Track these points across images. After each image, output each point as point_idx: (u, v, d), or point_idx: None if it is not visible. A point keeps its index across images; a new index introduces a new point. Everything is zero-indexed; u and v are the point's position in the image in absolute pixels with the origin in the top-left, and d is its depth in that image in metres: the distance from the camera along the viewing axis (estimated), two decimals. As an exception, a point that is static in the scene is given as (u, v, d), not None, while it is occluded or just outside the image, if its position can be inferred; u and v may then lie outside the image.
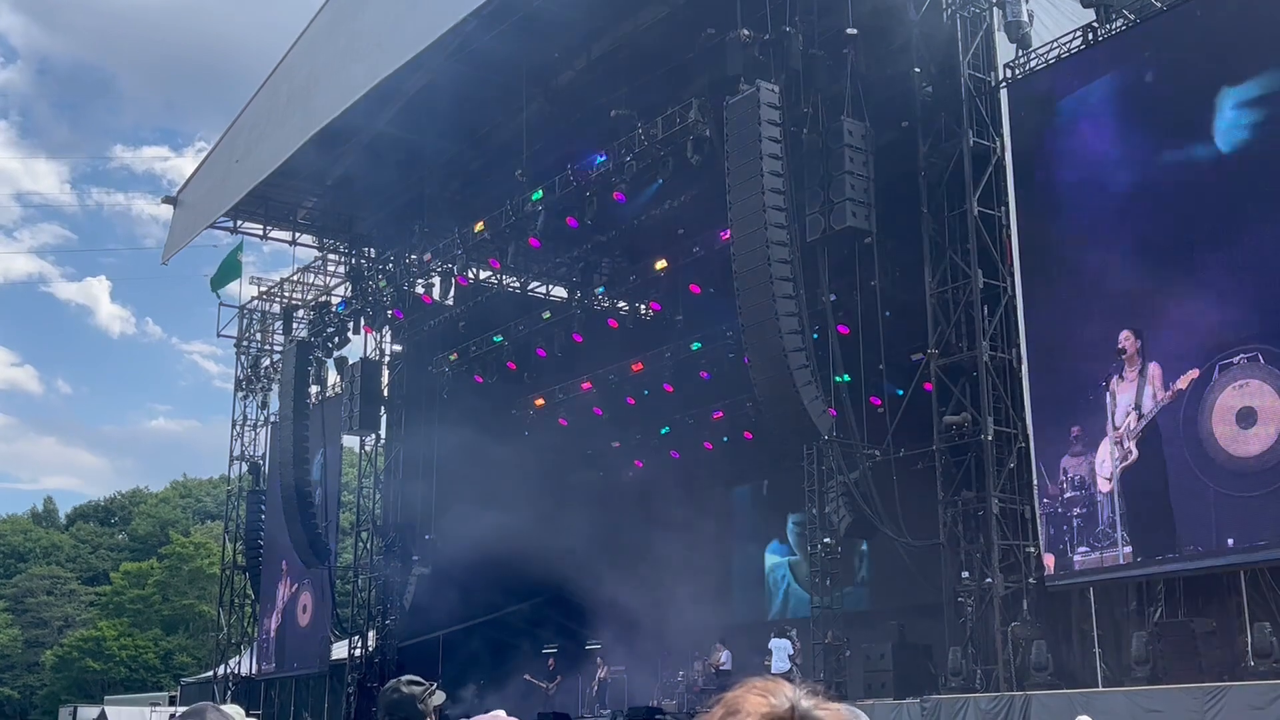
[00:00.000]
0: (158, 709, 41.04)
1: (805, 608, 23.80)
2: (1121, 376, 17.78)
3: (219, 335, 38.40)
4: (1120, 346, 17.78)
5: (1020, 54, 19.75)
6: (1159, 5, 18.39)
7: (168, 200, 36.76)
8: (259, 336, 38.06)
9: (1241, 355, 16.38)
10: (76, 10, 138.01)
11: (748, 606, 31.98)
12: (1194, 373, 16.87)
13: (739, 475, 32.08)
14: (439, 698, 4.39)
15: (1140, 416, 17.50)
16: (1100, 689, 16.77)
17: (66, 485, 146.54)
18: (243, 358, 38.34)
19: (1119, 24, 18.70)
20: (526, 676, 28.57)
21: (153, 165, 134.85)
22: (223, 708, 3.73)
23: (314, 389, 33.73)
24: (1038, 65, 19.50)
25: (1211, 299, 16.98)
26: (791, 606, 29.98)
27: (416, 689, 4.30)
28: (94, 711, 43.45)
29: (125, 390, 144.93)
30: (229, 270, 36.29)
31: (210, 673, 40.23)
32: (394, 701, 4.26)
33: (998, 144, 19.70)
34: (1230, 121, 16.98)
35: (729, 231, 20.86)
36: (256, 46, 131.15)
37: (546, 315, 31.18)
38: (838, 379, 20.99)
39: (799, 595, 28.77)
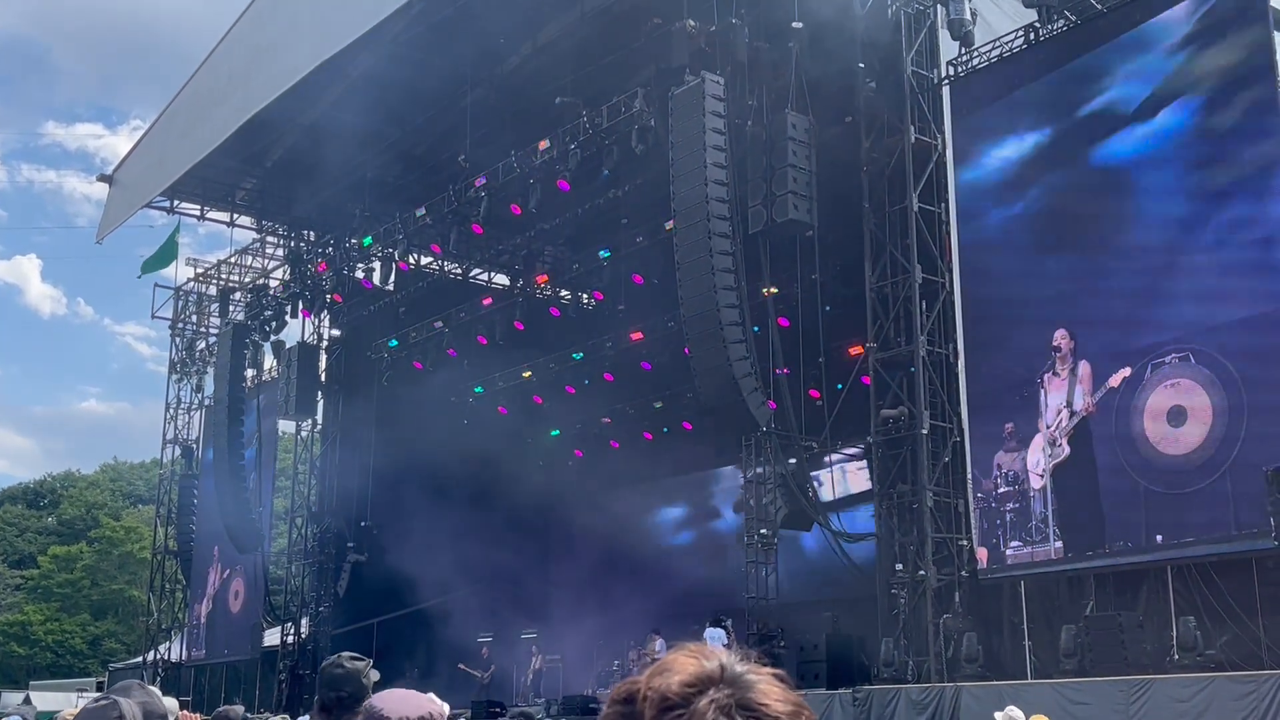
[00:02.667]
0: (84, 695, 40.39)
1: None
2: (1055, 374, 18.03)
3: (154, 317, 37.88)
4: (1055, 344, 18.02)
5: (963, 52, 19.92)
6: (1099, 7, 18.62)
7: (103, 178, 36.10)
8: (194, 319, 37.54)
9: (1173, 354, 16.66)
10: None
11: (684, 596, 32.04)
12: (1126, 371, 17.14)
13: (678, 465, 32.13)
14: (375, 675, 4.40)
15: (1072, 414, 17.75)
16: (1029, 681, 16.99)
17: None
18: (177, 340, 37.80)
19: (1060, 24, 18.92)
20: (461, 665, 28.46)
21: (86, 143, 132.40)
22: (151, 688, 3.69)
23: (250, 373, 33.32)
24: (980, 64, 19.68)
25: (1144, 298, 17.24)
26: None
27: (359, 664, 4.30)
28: (19, 697, 42.68)
29: (55, 371, 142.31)
30: (166, 253, 35.74)
31: (139, 659, 39.67)
32: (337, 677, 4.22)
33: (939, 141, 19.86)
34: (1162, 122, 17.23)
35: (672, 221, 20.87)
36: (195, 23, 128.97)
37: (489, 302, 31.04)
38: (777, 371, 21.08)
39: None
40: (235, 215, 35.05)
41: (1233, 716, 13.95)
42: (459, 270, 33.34)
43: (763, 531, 22.52)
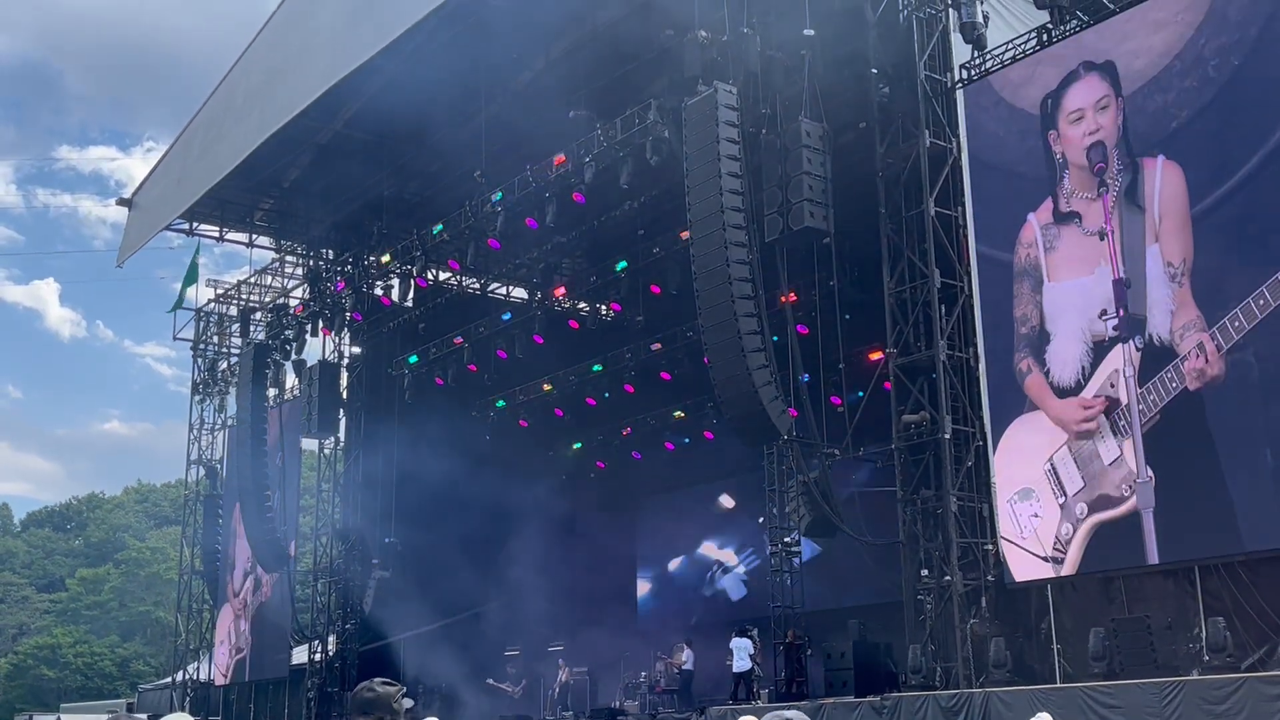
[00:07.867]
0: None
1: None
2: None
3: (175, 338, 38.06)
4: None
5: (976, 55, 19.87)
6: (1112, 7, 18.56)
7: (122, 202, 36.42)
8: (216, 339, 37.71)
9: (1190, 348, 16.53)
10: (21, 7, 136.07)
11: (710, 605, 31.99)
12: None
13: (700, 475, 32.11)
14: (407, 703, 4.42)
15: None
16: (1058, 685, 16.89)
17: (19, 491, 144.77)
18: (199, 361, 37.98)
19: (1073, 25, 18.86)
20: (489, 680, 28.49)
21: (100, 166, 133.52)
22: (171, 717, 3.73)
23: (272, 392, 33.46)
24: (993, 66, 19.64)
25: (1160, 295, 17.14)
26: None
27: (391, 689, 4.34)
28: (50, 720, 42.93)
29: (77, 394, 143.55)
30: (189, 280, 36.04)
31: (168, 679, 39.81)
32: (368, 700, 4.26)
33: (954, 144, 19.80)
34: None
35: (688, 232, 20.87)
36: (205, 44, 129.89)
37: (507, 316, 31.13)
38: (798, 379, 21.04)
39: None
40: (254, 236, 35.28)
41: (1266, 718, 13.84)
42: (477, 285, 33.44)
43: (787, 540, 22.51)
